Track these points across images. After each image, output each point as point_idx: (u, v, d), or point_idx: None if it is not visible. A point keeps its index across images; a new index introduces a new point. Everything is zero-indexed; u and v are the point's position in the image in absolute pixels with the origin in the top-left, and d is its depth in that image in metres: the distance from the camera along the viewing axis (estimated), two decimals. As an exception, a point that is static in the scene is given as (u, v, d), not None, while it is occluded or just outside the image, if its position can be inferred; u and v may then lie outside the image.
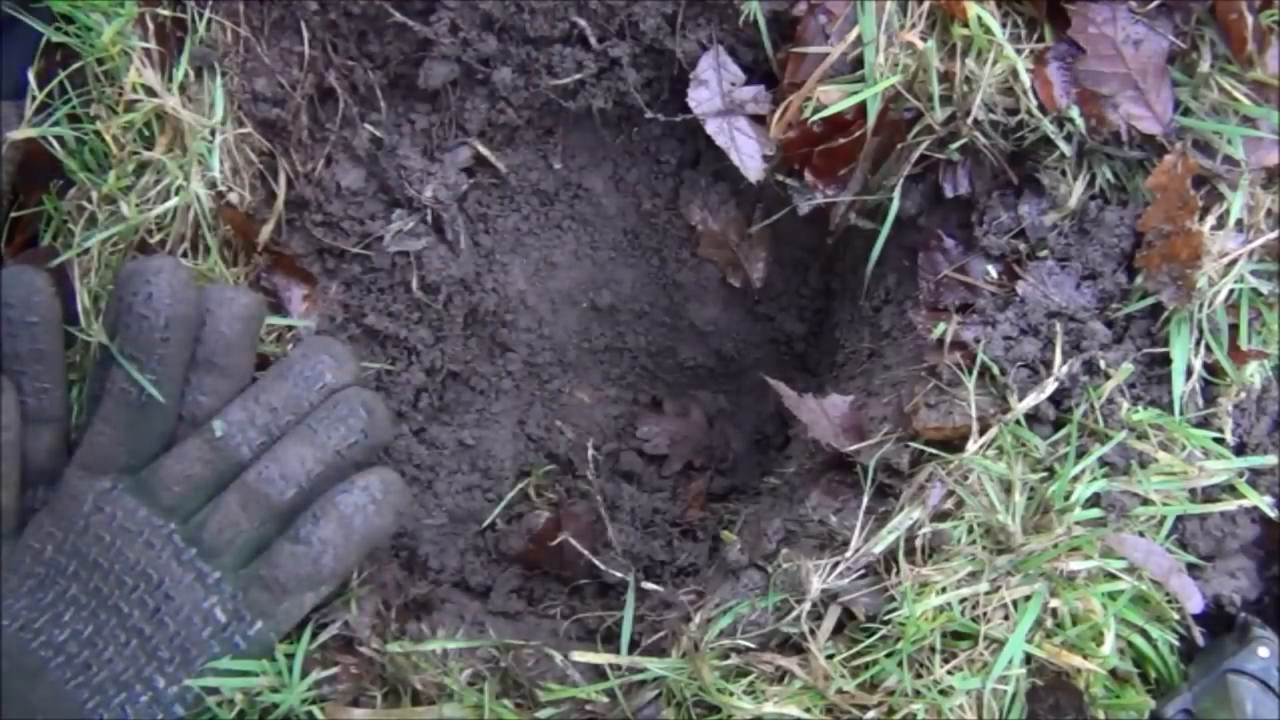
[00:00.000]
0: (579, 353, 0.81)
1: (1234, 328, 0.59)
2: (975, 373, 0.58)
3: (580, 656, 0.54)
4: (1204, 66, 0.60)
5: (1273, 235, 0.59)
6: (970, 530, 0.55)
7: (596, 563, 0.63)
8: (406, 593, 0.59)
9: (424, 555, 0.68)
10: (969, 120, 0.60)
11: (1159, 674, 0.57)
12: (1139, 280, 0.59)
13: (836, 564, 0.54)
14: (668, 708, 0.53)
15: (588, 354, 0.82)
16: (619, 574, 0.63)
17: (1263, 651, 0.55)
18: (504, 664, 0.55)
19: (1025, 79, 0.60)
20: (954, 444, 0.57)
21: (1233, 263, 0.59)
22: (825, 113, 0.62)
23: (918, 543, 0.54)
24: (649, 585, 0.60)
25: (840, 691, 0.52)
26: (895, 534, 0.55)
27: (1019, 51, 0.60)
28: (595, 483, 0.69)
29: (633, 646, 0.56)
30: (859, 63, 0.62)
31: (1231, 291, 0.59)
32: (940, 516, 0.56)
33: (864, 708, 0.51)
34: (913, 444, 0.57)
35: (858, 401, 0.63)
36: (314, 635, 0.52)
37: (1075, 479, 0.56)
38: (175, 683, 0.49)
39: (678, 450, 0.80)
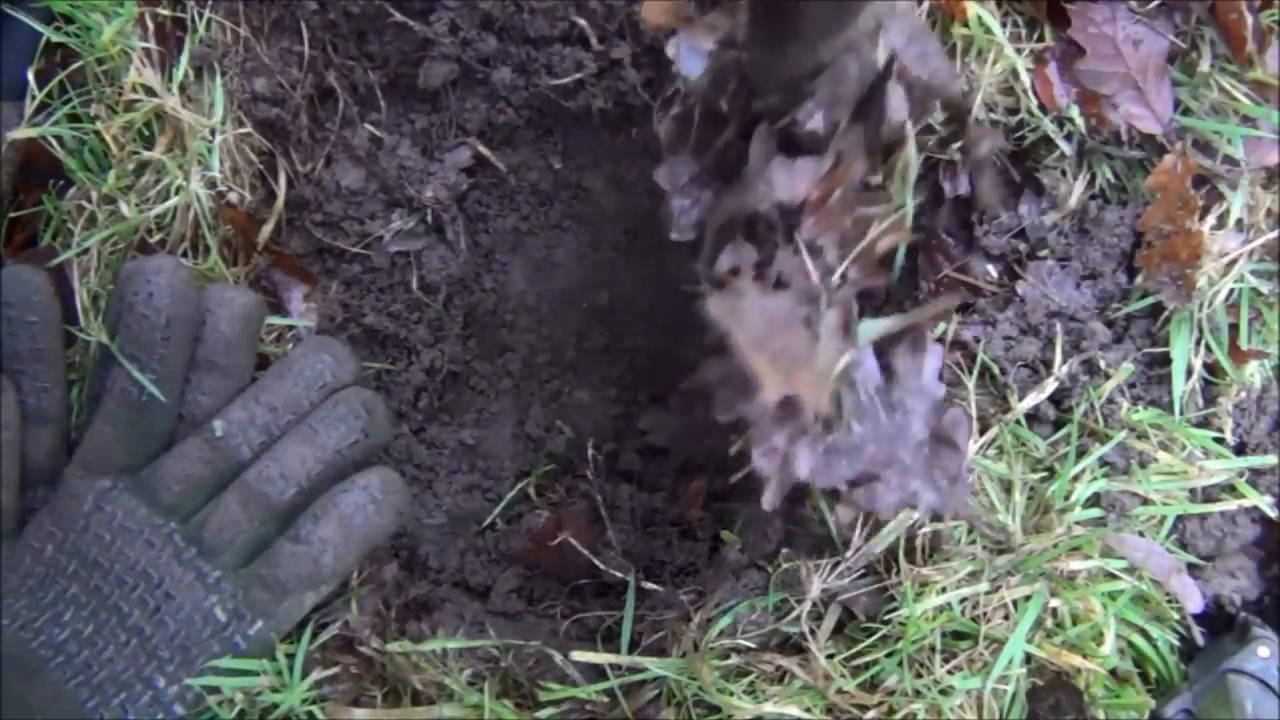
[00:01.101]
0: (579, 353, 0.81)
1: (1234, 327, 0.59)
2: (975, 373, 0.58)
3: (580, 656, 0.54)
4: (1204, 66, 0.60)
5: (1273, 235, 0.59)
6: (970, 530, 0.55)
7: (596, 563, 0.63)
8: (406, 593, 0.59)
9: (424, 555, 0.67)
10: (969, 120, 0.60)
11: (1159, 674, 0.57)
12: (1139, 280, 0.59)
13: (836, 564, 0.54)
14: (668, 708, 0.53)
15: (588, 354, 0.81)
16: (619, 574, 0.63)
17: (1263, 651, 0.55)
18: (504, 664, 0.55)
19: (1025, 79, 0.60)
20: (954, 444, 0.57)
21: (1233, 262, 0.59)
22: (825, 112, 0.62)
23: (918, 543, 0.54)
24: (649, 585, 0.60)
25: (840, 691, 0.52)
26: (895, 534, 0.54)
27: (1019, 51, 0.60)
28: (595, 483, 0.69)
29: (633, 646, 0.56)
30: (859, 62, 0.62)
31: (1231, 291, 0.59)
32: (940, 516, 0.56)
33: (864, 708, 0.51)
34: (913, 444, 0.57)
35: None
36: (314, 635, 0.52)
37: (1075, 479, 0.56)
38: (175, 682, 0.49)
39: (679, 446, 0.80)
